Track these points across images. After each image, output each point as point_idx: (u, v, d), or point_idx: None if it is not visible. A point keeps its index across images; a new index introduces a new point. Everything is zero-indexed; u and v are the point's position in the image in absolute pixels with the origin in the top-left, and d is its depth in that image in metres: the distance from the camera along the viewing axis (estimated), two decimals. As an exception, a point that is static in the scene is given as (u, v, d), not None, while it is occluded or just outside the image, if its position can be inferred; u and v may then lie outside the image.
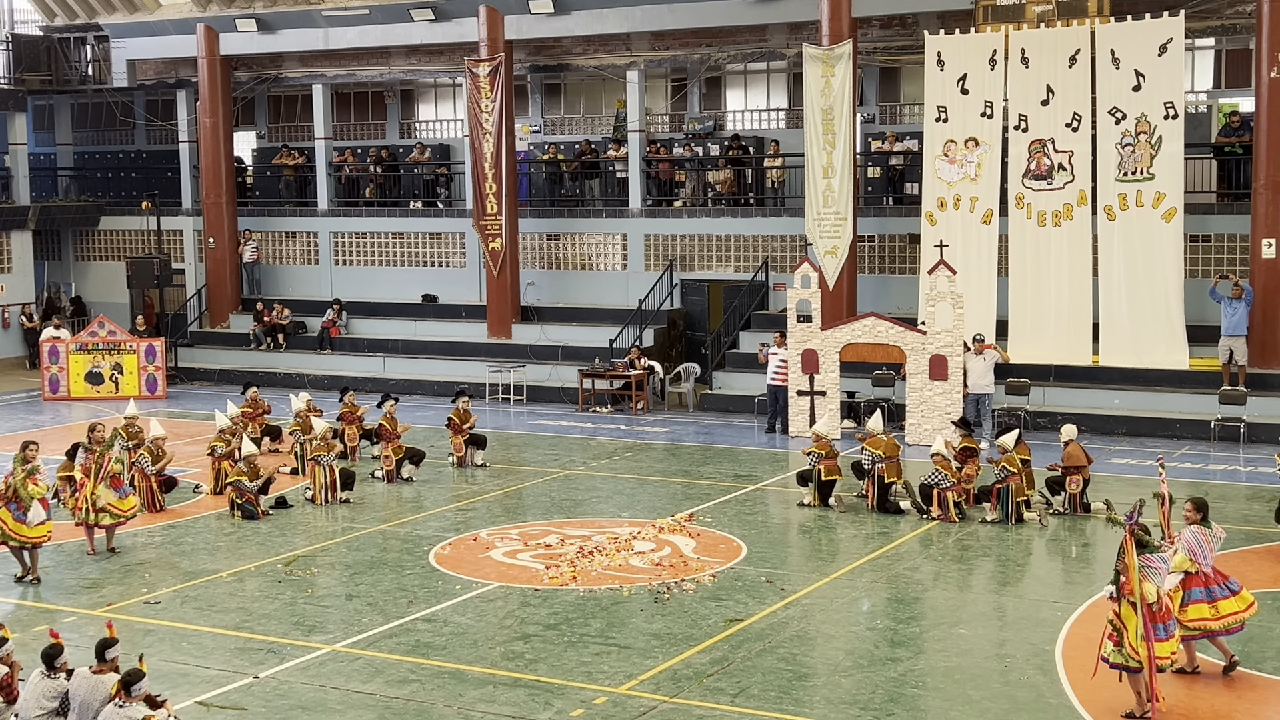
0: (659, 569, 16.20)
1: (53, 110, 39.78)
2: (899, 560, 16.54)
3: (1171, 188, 25.09)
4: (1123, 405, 24.89)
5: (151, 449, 19.65)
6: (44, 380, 31.13)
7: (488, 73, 30.58)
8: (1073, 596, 15.04)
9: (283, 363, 32.77)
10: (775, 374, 25.21)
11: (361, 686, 12.47)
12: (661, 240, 31.55)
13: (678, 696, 12.09)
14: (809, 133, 27.54)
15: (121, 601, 15.17)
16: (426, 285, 33.98)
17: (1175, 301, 25.20)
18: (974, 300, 25.44)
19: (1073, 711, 11.67)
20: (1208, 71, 29.94)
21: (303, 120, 38.12)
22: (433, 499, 20.34)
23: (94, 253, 38.49)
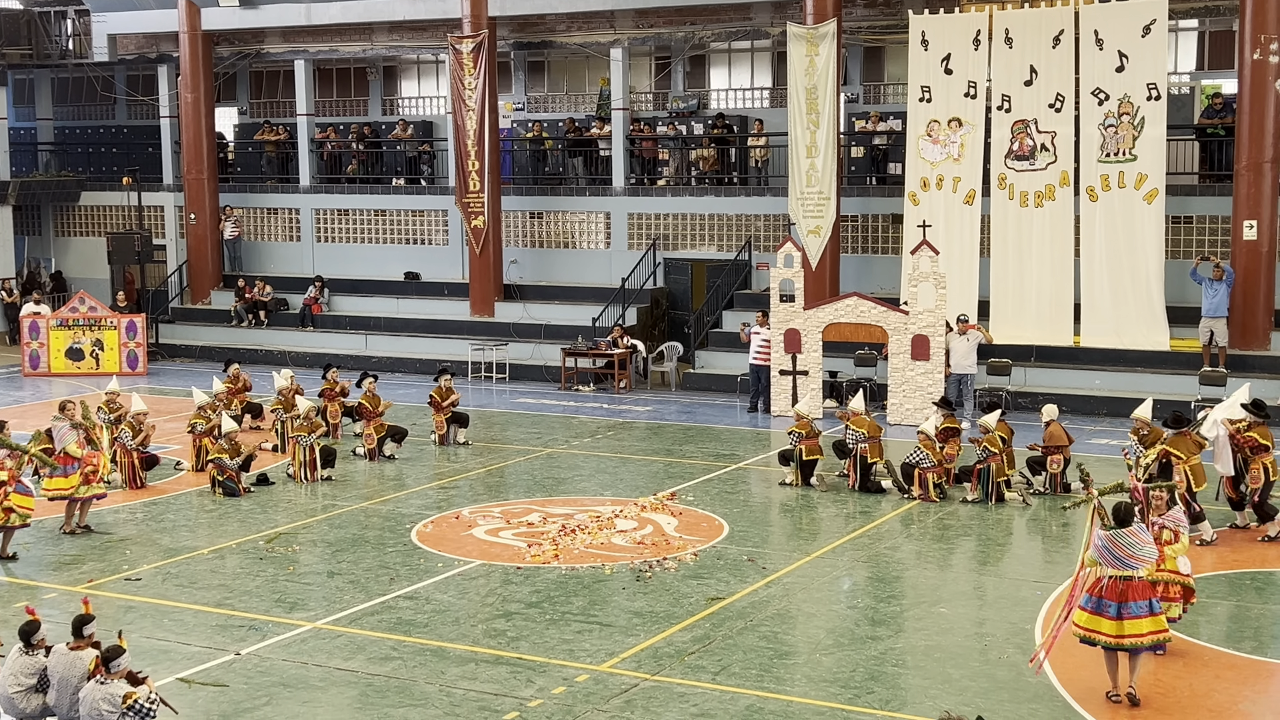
0: (641, 547, 16.23)
1: (33, 85, 39.53)
2: (880, 539, 16.59)
3: (1153, 169, 25.15)
4: (1103, 386, 24.98)
5: (132, 424, 19.58)
6: (24, 356, 31.00)
7: (471, 49, 30.46)
8: (1052, 576, 15.10)
9: (264, 340, 32.69)
10: (757, 353, 25.24)
11: (343, 664, 12.48)
12: (645, 219, 31.51)
13: (659, 674, 12.12)
14: (793, 112, 27.52)
15: (102, 578, 15.14)
16: (409, 263, 33.90)
17: (1156, 283, 25.28)
18: (956, 281, 25.49)
19: (1052, 690, 11.73)
20: (1191, 53, 29.97)
21: (284, 96, 37.95)
22: (415, 477, 20.33)
23: (74, 228, 38.30)
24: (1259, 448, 16.06)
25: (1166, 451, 16.00)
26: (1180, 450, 15.99)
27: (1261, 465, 16.06)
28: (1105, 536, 11.35)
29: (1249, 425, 16.15)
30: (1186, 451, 15.99)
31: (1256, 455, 16.07)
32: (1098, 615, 11.37)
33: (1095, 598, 11.41)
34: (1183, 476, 15.69)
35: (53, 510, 17.40)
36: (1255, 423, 16.19)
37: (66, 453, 16.90)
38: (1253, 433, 16.11)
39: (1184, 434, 16.18)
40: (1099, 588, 11.40)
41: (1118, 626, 11.27)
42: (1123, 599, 11.30)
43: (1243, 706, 11.50)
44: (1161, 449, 16.06)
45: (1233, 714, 11.32)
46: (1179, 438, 16.12)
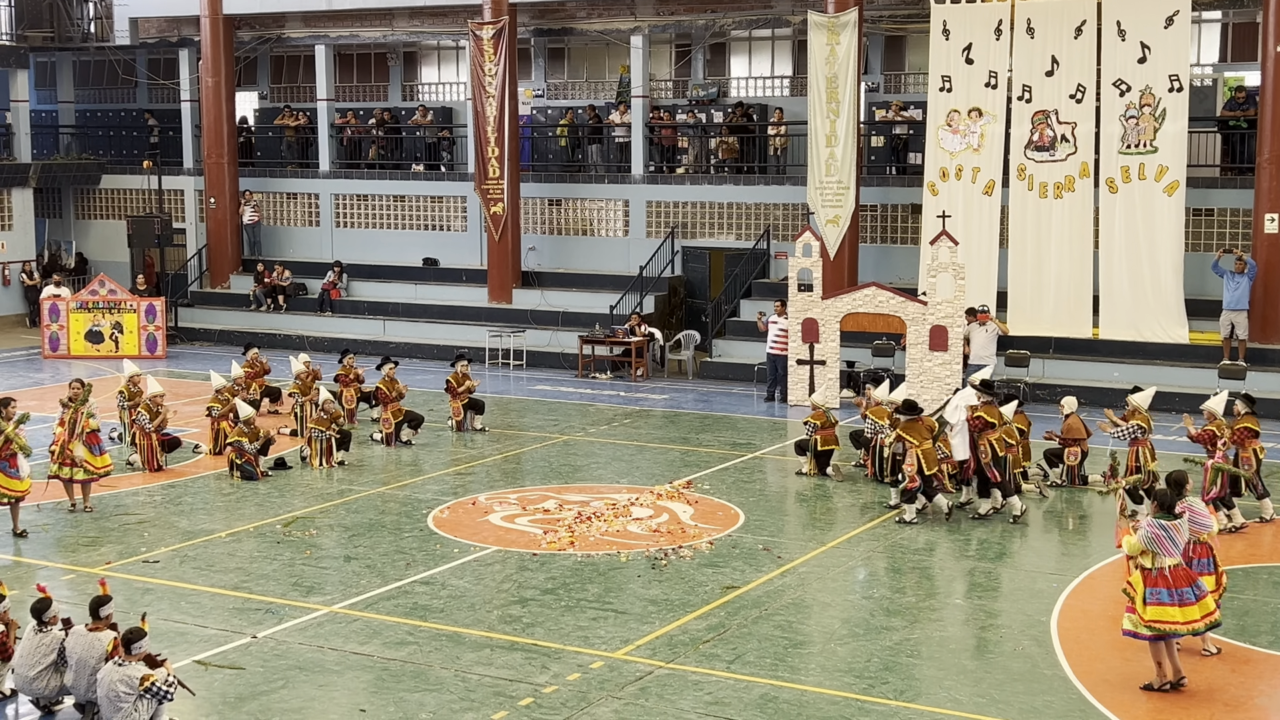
0: (656, 535, 16.24)
1: (55, 68, 39.65)
2: (896, 530, 16.58)
3: (1174, 161, 25.04)
4: (1122, 378, 24.87)
5: (149, 406, 19.65)
6: (44, 338, 31.13)
7: (491, 35, 30.45)
8: (1069, 568, 15.09)
9: (283, 324, 32.77)
10: (775, 343, 25.22)
11: (359, 648, 12.52)
12: (663, 207, 31.49)
13: (674, 662, 12.14)
14: (813, 101, 27.46)
15: (120, 560, 15.22)
16: (427, 249, 33.93)
17: (1175, 276, 25.18)
18: (975, 272, 25.43)
19: (1067, 683, 11.72)
20: (1214, 44, 29.82)
21: (305, 81, 38.00)
22: (431, 462, 20.37)
23: (95, 211, 38.43)
24: (987, 426, 16.85)
25: (901, 436, 16.73)
26: (913, 435, 16.65)
27: (988, 442, 16.82)
28: (1170, 526, 11.42)
29: (981, 404, 17.05)
30: (919, 436, 16.65)
31: (984, 434, 16.85)
32: (1183, 606, 11.40)
33: (1172, 590, 11.40)
34: (914, 460, 16.52)
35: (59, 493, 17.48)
36: (987, 403, 17.10)
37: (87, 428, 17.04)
38: (982, 412, 16.89)
39: (917, 419, 16.88)
40: (1167, 579, 11.41)
41: (1201, 608, 11.45)
42: (1191, 581, 11.47)
43: (1259, 700, 11.48)
44: (897, 433, 16.84)
45: (1249, 707, 11.30)
46: (912, 423, 16.80)
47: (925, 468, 16.61)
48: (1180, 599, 11.40)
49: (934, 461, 16.70)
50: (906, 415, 17.00)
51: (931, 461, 16.67)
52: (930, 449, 16.70)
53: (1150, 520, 11.50)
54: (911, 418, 16.92)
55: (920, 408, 17.26)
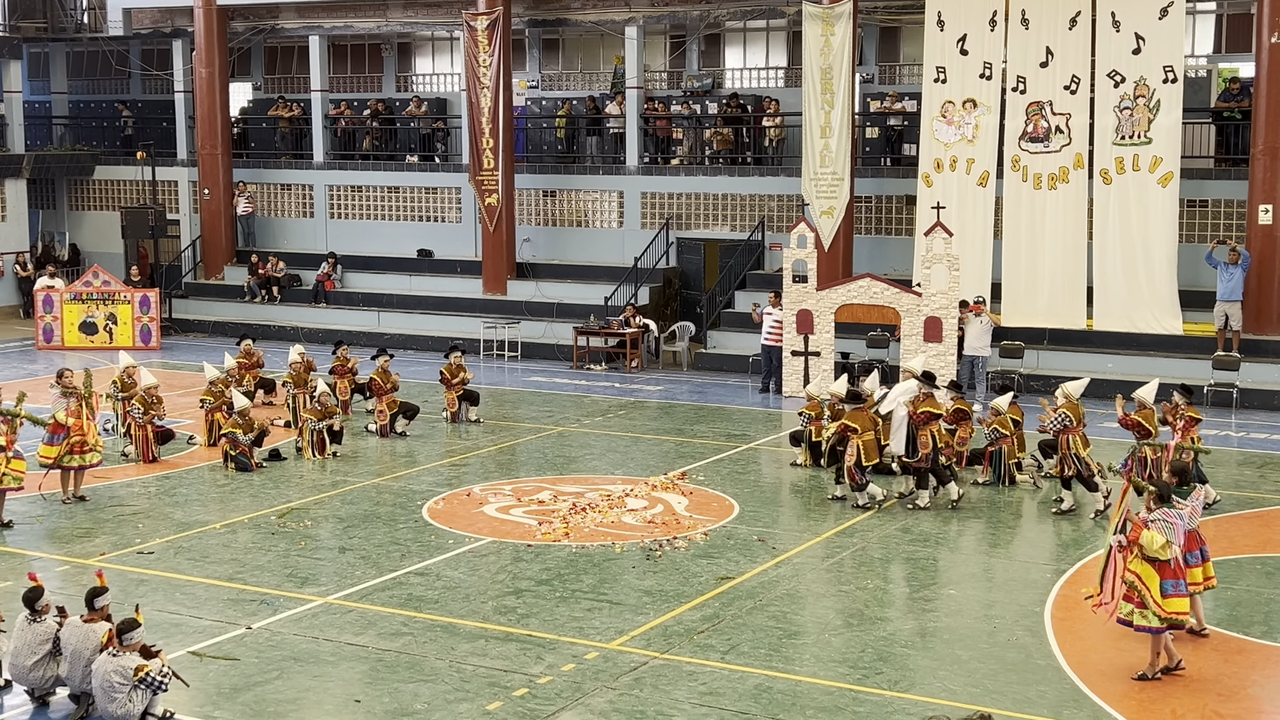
0: (651, 526, 16.26)
1: (48, 58, 39.56)
2: (890, 520, 16.60)
3: (1169, 152, 25.05)
4: (1116, 369, 24.91)
5: (144, 398, 19.64)
6: (38, 330, 31.09)
7: (485, 26, 30.41)
8: (1062, 559, 15.12)
9: (277, 315, 32.74)
10: (769, 334, 25.23)
11: (354, 639, 12.53)
12: (658, 198, 31.48)
13: (668, 653, 12.15)
14: (807, 92, 27.44)
15: (115, 551, 15.22)
16: (422, 240, 33.92)
17: (1169, 267, 25.20)
18: (969, 263, 25.44)
19: (1060, 673, 11.75)
20: (1208, 36, 29.84)
21: (299, 72, 37.94)
22: (426, 454, 20.38)
23: (88, 202, 38.36)
24: (930, 418, 16.90)
25: (844, 425, 16.83)
26: (857, 424, 16.80)
27: (930, 433, 16.91)
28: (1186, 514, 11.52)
29: (923, 397, 17.05)
30: (863, 425, 16.80)
31: (925, 426, 16.90)
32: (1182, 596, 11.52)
33: (1183, 580, 11.48)
34: (854, 451, 16.65)
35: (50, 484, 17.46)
36: (927, 394, 17.10)
37: (56, 420, 17.00)
38: (926, 406, 16.95)
39: (861, 408, 17.02)
40: (1180, 570, 11.48)
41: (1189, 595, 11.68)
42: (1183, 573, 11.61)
43: (1251, 690, 11.51)
44: (840, 423, 16.92)
45: (1241, 697, 11.34)
46: (856, 412, 16.96)
47: (865, 458, 16.75)
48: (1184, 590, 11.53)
49: (874, 451, 16.84)
50: (850, 404, 17.11)
51: (872, 452, 16.81)
52: (871, 439, 16.84)
53: (1165, 510, 11.53)
54: (855, 407, 17.04)
55: (864, 396, 17.39)
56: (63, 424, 17.07)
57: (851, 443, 16.78)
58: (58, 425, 17.07)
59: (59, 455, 17.06)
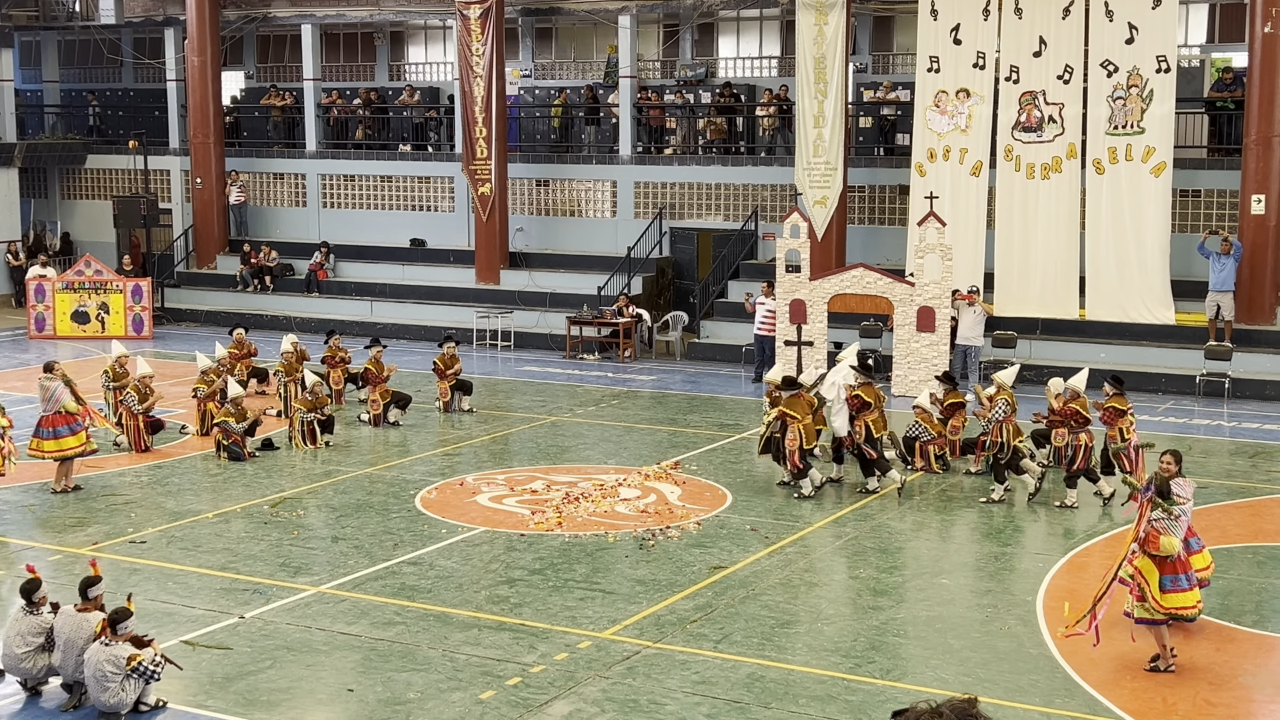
0: (644, 516, 16.27)
1: (39, 46, 39.46)
2: (882, 510, 16.62)
3: (1161, 142, 25.07)
4: (1109, 359, 24.93)
5: (138, 387, 19.62)
6: (30, 319, 31.04)
7: (479, 15, 30.36)
8: (1055, 548, 15.15)
9: (270, 305, 32.71)
10: (762, 324, 25.23)
11: (347, 628, 12.53)
12: (651, 188, 31.46)
13: (661, 642, 12.17)
14: (800, 81, 27.43)
15: (107, 541, 15.20)
16: (415, 229, 33.87)
17: (1161, 257, 25.23)
18: (962, 253, 25.44)
19: (1052, 661, 11.78)
20: (1201, 25, 29.85)
21: (291, 61, 37.86)
22: (419, 443, 20.37)
23: (80, 191, 38.28)
24: (864, 406, 17.10)
25: (783, 412, 16.92)
26: (795, 410, 16.90)
27: (865, 422, 17.09)
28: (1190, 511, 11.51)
29: (858, 384, 17.25)
30: (801, 412, 16.92)
31: (862, 414, 17.13)
32: (1191, 590, 11.49)
33: (1184, 575, 11.46)
34: (795, 436, 16.77)
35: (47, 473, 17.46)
36: (864, 383, 17.29)
37: (66, 410, 16.97)
38: (859, 392, 17.18)
39: (798, 395, 17.10)
40: (1182, 565, 11.46)
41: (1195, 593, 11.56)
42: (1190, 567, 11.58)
43: (1243, 679, 11.54)
44: (779, 410, 16.99)
45: (1233, 686, 11.36)
46: (794, 399, 17.03)
47: (805, 442, 16.88)
48: (1190, 583, 11.53)
49: (814, 437, 17.02)
50: (787, 391, 17.17)
51: (811, 437, 16.97)
52: (810, 424, 16.98)
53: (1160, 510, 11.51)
54: (792, 393, 17.11)
55: (799, 383, 17.49)
56: (73, 412, 17.08)
57: (792, 428, 16.91)
58: (68, 415, 17.06)
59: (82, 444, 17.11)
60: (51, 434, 17.01)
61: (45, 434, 17.03)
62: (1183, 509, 11.66)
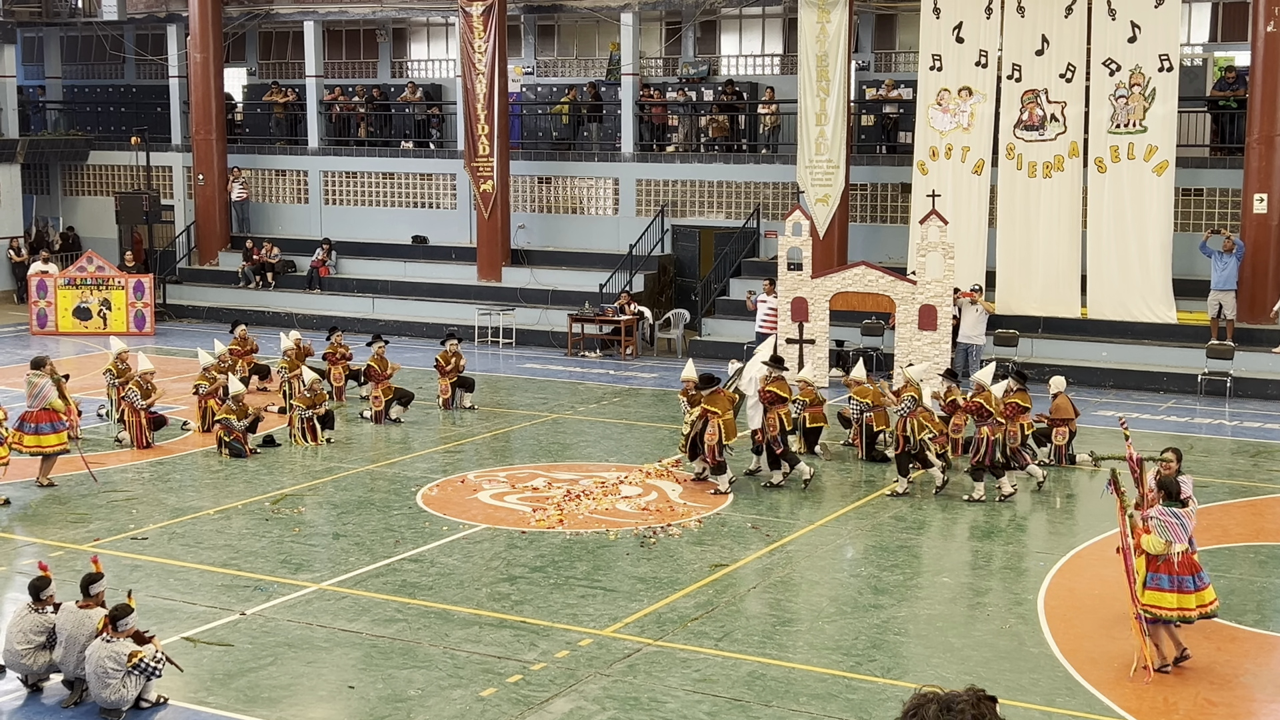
0: (645, 513, 16.27)
1: (42, 43, 39.46)
2: (884, 508, 16.62)
3: (1164, 141, 25.05)
4: (1110, 358, 24.97)
5: (140, 384, 19.62)
6: (32, 315, 31.05)
7: (481, 12, 30.35)
8: (1056, 547, 15.14)
9: (272, 301, 32.71)
10: (764, 321, 25.23)
11: (348, 625, 12.53)
12: (653, 185, 31.45)
13: (662, 640, 12.17)
14: (803, 79, 27.42)
15: (109, 537, 15.21)
16: (417, 226, 33.87)
17: (1163, 255, 25.21)
18: (964, 251, 25.44)
19: (1054, 660, 11.77)
20: (1204, 24, 29.83)
21: (294, 58, 37.85)
22: (420, 440, 20.37)
23: (83, 187, 38.29)
24: (777, 400, 17.33)
25: (705, 409, 17.04)
26: (716, 406, 17.03)
27: (777, 416, 17.33)
28: (1181, 513, 11.38)
29: (771, 379, 17.45)
30: (722, 408, 17.07)
31: (774, 407, 17.33)
32: (1181, 593, 11.37)
33: (1174, 576, 11.37)
34: (715, 430, 16.91)
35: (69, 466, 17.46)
36: (776, 378, 17.50)
37: (51, 407, 17.03)
38: (772, 386, 17.34)
39: (718, 392, 17.26)
40: (1171, 566, 11.37)
41: (1199, 598, 11.42)
42: (1195, 570, 11.44)
43: (1244, 679, 11.53)
44: (701, 408, 17.12)
45: (1234, 686, 11.36)
46: (714, 395, 17.18)
47: (725, 437, 17.00)
48: (1179, 585, 11.38)
49: (734, 432, 17.17)
50: (706, 389, 17.28)
51: (732, 432, 17.13)
52: (731, 420, 17.14)
53: (1161, 509, 11.47)
54: (712, 390, 17.23)
55: (717, 380, 17.61)
56: (59, 410, 17.09)
57: (712, 423, 17.00)
58: (54, 413, 17.09)
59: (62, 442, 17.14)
60: (34, 429, 17.08)
61: (28, 428, 17.09)
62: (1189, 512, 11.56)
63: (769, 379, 17.48)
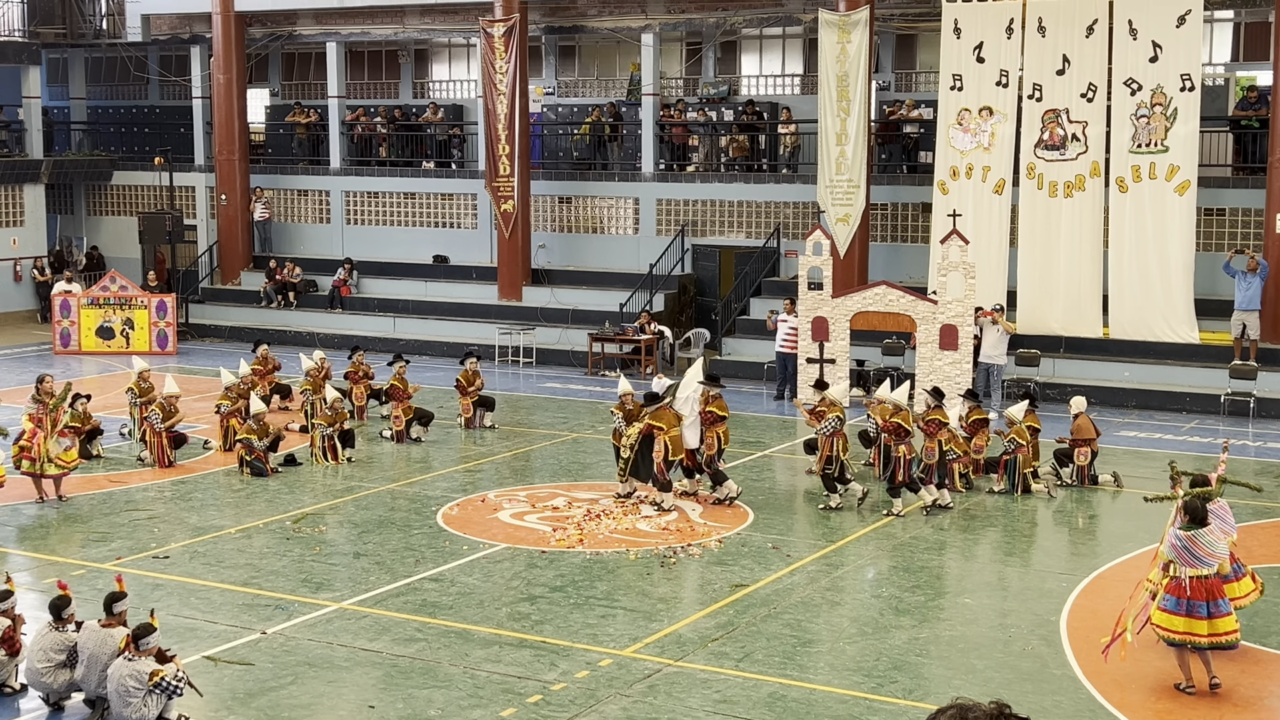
0: (666, 533, 16.25)
1: (67, 64, 39.74)
2: (905, 529, 16.57)
3: (1186, 160, 24.99)
4: (1133, 378, 24.88)
5: (163, 405, 19.70)
6: (55, 334, 31.21)
7: (502, 33, 30.47)
8: (1078, 568, 15.07)
9: (293, 321, 32.82)
10: (784, 341, 25.21)
11: (368, 644, 12.54)
12: (674, 205, 31.49)
13: (682, 660, 12.14)
14: (823, 99, 27.44)
15: (131, 556, 15.25)
16: (438, 246, 33.97)
17: (1185, 275, 25.12)
18: (985, 271, 25.41)
19: (1076, 682, 11.71)
20: (1226, 44, 29.76)
21: (316, 78, 38.05)
22: (441, 459, 20.39)
23: (106, 207, 38.52)
24: (716, 419, 17.52)
25: (650, 425, 17.07)
26: (662, 422, 17.10)
27: (715, 434, 17.51)
28: (1185, 537, 11.31)
29: (710, 398, 17.62)
30: (667, 423, 17.13)
31: (712, 427, 17.51)
32: (1190, 617, 11.29)
33: (1183, 600, 11.31)
34: (662, 447, 16.99)
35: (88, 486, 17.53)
36: (713, 396, 17.67)
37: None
38: (712, 407, 17.50)
39: (664, 408, 17.33)
40: (1182, 589, 11.32)
41: (1210, 625, 11.29)
42: (1210, 597, 11.32)
43: (1269, 701, 11.46)
44: (645, 423, 17.15)
45: (1258, 708, 11.28)
46: (660, 411, 17.25)
47: (671, 454, 17.00)
48: (1189, 610, 11.29)
49: (680, 447, 17.16)
50: (650, 405, 17.35)
51: (678, 447, 17.11)
52: (678, 435, 17.14)
53: (1173, 531, 11.43)
54: (656, 407, 17.28)
55: (661, 396, 17.60)
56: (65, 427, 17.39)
57: (659, 440, 17.01)
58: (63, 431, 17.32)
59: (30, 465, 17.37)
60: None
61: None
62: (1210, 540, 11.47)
63: (709, 398, 17.61)
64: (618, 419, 18.17)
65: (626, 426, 17.71)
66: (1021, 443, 18.19)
